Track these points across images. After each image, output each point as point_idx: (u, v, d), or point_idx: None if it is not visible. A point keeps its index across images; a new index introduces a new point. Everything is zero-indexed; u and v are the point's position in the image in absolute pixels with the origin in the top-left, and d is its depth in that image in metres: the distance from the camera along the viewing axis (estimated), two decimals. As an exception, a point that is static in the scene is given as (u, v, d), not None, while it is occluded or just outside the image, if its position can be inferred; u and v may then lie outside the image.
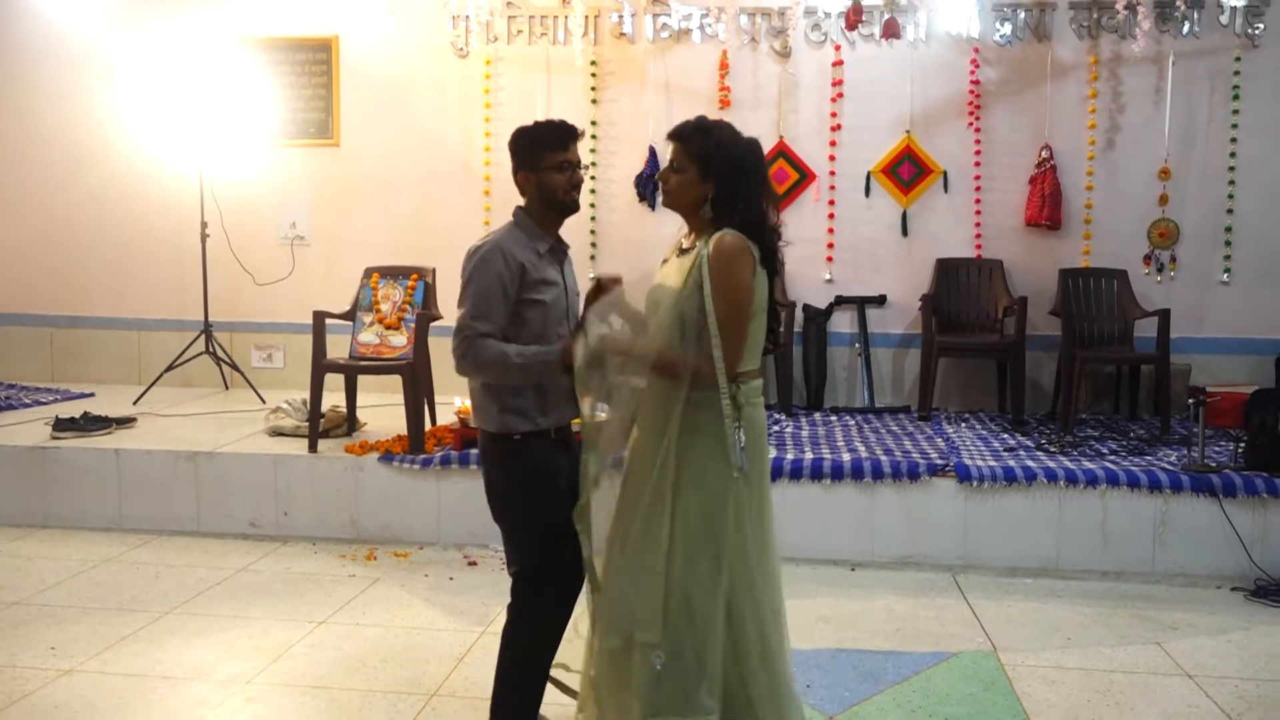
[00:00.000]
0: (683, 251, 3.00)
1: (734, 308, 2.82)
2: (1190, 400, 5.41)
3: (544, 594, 3.15)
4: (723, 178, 2.87)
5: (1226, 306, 6.74)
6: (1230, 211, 6.69)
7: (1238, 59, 6.61)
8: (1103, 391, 6.73)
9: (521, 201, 3.26)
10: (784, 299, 6.49)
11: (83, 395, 7.06)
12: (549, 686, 3.27)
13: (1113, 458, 5.40)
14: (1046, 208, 6.68)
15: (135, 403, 6.75)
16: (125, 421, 6.18)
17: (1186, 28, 6.61)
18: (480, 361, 3.04)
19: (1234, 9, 6.53)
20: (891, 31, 6.45)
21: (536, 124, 3.26)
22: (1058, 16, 6.73)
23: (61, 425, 5.93)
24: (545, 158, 3.18)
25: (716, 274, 2.81)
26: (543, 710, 3.28)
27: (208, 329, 7.09)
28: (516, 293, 3.08)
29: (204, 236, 7.10)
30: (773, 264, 2.92)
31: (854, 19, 6.33)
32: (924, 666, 4.01)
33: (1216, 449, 5.58)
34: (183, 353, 7.02)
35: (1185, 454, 5.36)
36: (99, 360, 7.66)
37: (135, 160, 7.49)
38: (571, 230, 3.39)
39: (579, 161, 3.25)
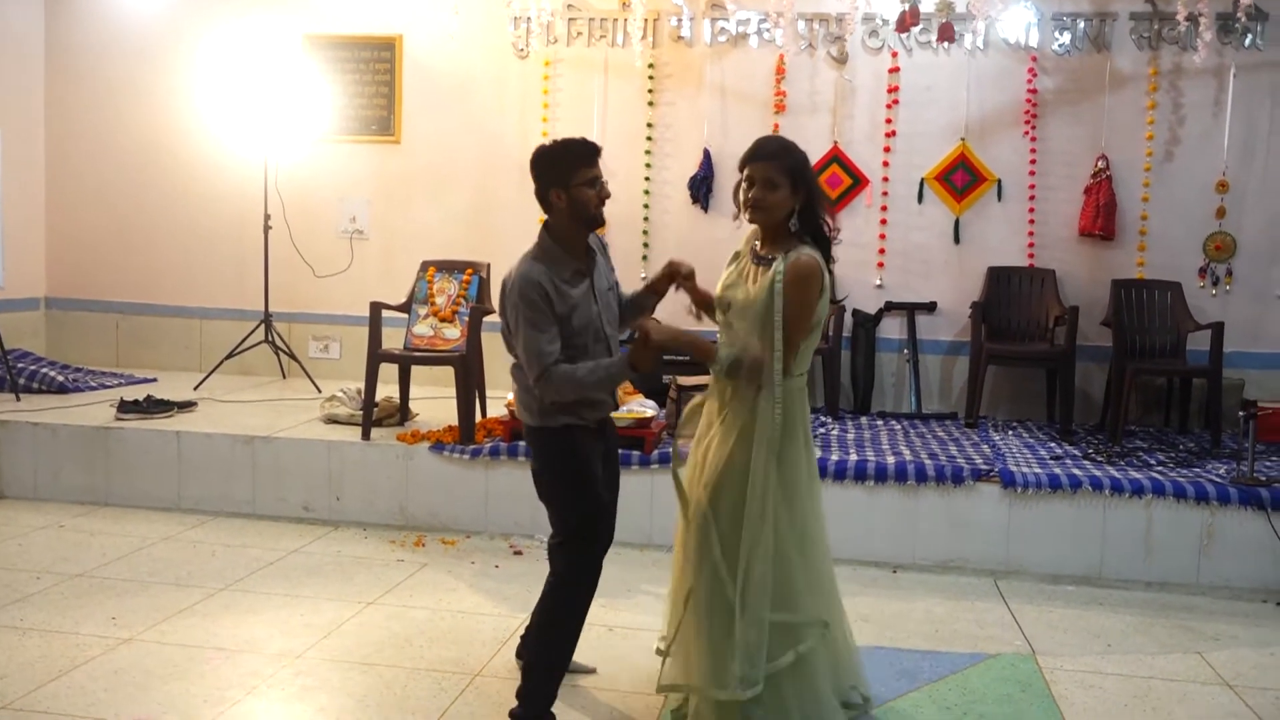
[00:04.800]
0: (758, 259, 3.25)
1: (798, 324, 3.15)
2: (1241, 414, 5.37)
3: (585, 558, 3.42)
4: (809, 189, 3.18)
5: (1283, 321, 6.68)
6: (1289, 226, 6.63)
7: (1301, 72, 6.55)
8: (1153, 404, 6.67)
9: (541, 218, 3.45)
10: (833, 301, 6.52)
11: (146, 380, 7.26)
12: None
13: (1160, 468, 5.38)
14: (1101, 218, 6.65)
15: (196, 388, 6.93)
16: (186, 406, 6.37)
17: (1249, 40, 6.54)
18: (562, 386, 3.25)
19: (1298, 21, 6.47)
20: (946, 35, 6.44)
21: (562, 142, 3.37)
22: (1118, 27, 6.69)
23: (125, 408, 6.13)
24: (577, 174, 3.30)
25: (791, 290, 3.12)
26: None
27: (268, 319, 7.27)
28: (554, 312, 3.27)
29: (266, 229, 7.29)
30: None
31: (910, 20, 6.32)
32: (961, 666, 4.04)
33: (1268, 464, 5.52)
34: (243, 341, 7.20)
35: (1234, 467, 5.32)
36: (163, 347, 7.86)
37: (202, 153, 7.69)
38: (624, 232, 3.54)
39: (602, 176, 3.40)
